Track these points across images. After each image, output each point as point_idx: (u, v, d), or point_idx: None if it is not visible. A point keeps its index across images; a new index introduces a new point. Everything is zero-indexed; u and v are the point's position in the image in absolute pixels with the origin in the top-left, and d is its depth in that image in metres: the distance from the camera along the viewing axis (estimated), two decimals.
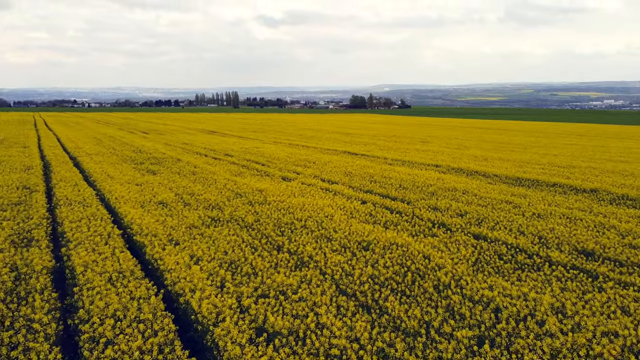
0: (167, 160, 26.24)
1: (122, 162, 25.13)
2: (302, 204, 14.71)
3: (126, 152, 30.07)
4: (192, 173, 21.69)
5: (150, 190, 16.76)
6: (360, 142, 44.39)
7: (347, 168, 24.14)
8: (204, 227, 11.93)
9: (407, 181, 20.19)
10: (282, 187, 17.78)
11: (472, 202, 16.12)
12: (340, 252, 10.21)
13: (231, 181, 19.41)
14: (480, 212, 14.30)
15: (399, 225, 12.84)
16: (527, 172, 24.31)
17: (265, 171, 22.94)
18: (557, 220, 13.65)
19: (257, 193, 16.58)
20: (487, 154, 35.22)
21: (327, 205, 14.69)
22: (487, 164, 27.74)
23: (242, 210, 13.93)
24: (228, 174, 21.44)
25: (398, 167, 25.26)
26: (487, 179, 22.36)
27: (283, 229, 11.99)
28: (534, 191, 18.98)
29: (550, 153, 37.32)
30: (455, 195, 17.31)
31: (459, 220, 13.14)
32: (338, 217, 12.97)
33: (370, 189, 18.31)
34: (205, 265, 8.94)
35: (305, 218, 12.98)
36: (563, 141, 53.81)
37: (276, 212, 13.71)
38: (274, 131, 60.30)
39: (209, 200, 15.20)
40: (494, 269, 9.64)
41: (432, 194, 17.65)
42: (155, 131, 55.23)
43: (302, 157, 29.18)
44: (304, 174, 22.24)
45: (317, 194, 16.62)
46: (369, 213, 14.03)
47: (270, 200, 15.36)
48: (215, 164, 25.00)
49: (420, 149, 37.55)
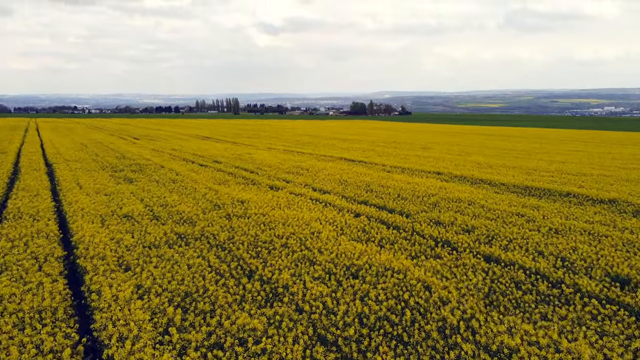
0: (149, 167, 24.49)
1: (100, 169, 23.38)
2: (286, 217, 12.92)
3: (109, 158, 28.34)
4: (172, 181, 19.93)
5: (119, 201, 14.99)
6: (358, 148, 42.65)
7: (342, 176, 22.38)
8: (166, 247, 10.13)
9: (407, 190, 18.42)
10: (267, 198, 16.00)
11: (480, 215, 14.32)
12: (323, 280, 8.41)
13: (212, 190, 17.63)
14: (490, 227, 12.50)
15: (396, 243, 11.05)
16: (536, 180, 22.53)
17: (253, 179, 21.17)
18: (579, 237, 11.85)
19: (238, 204, 14.79)
20: (491, 160, 33.48)
21: (314, 219, 12.89)
22: (492, 172, 25.97)
23: (216, 225, 12.14)
24: (211, 182, 19.67)
25: (397, 175, 23.49)
26: (494, 188, 20.57)
27: (259, 249, 10.20)
28: (547, 202, 17.19)
29: (556, 160, 35.57)
30: (459, 206, 15.51)
31: (465, 238, 11.34)
32: (326, 234, 11.18)
33: (365, 200, 16.52)
34: (152, 301, 7.13)
35: (287, 235, 11.19)
36: (567, 148, 52.05)
37: (255, 227, 11.93)
38: (270, 137, 58.60)
39: (182, 213, 13.42)
40: (511, 302, 7.83)
41: (434, 205, 15.86)
42: (147, 137, 53.53)
43: (295, 163, 27.43)
44: (294, 182, 20.47)
45: (305, 206, 14.83)
46: (362, 228, 12.24)
47: (251, 213, 13.58)
48: (200, 171, 23.25)
49: (420, 155, 35.80)
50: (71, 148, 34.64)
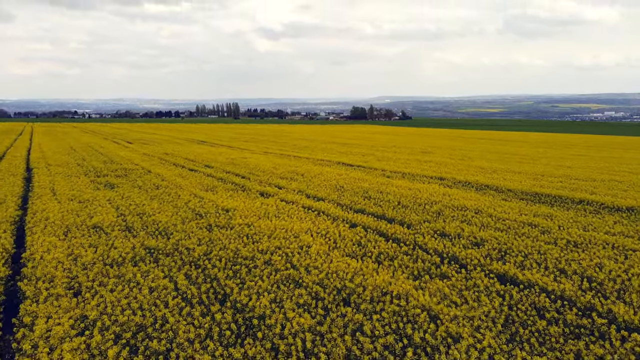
0: (135, 172, 23.17)
1: (82, 174, 22.06)
2: (273, 228, 11.57)
3: (95, 162, 27.02)
4: (155, 187, 18.59)
5: (92, 209, 13.64)
6: (357, 152, 41.34)
7: (339, 181, 21.05)
8: (130, 265, 8.78)
9: (408, 197, 17.07)
10: (255, 206, 14.65)
11: (488, 225, 12.97)
12: (308, 308, 7.05)
13: (197, 197, 16.30)
14: (501, 240, 11.15)
15: (395, 259, 9.69)
16: (545, 187, 21.19)
17: (243, 185, 19.83)
18: (602, 251, 10.51)
19: (222, 214, 13.45)
20: (495, 165, 32.16)
21: (305, 230, 11.55)
22: (497, 177, 24.64)
23: (194, 237, 10.79)
24: (198, 189, 18.33)
25: (397, 181, 22.15)
26: (501, 195, 19.23)
27: (238, 266, 8.85)
28: (560, 210, 15.83)
29: (562, 165, 34.25)
30: (466, 216, 14.16)
31: (474, 253, 9.99)
32: (316, 249, 9.83)
33: (362, 208, 15.17)
34: (93, 339, 5.78)
35: (272, 250, 9.84)
36: (571, 152, 50.76)
37: (237, 240, 10.58)
38: (267, 141, 57.33)
39: (158, 223, 12.08)
40: (536, 338, 6.47)
41: (438, 214, 14.51)
42: (140, 141, 52.26)
43: (291, 168, 26.12)
44: (287, 188, 19.13)
45: (296, 215, 13.48)
46: (358, 241, 10.88)
47: (235, 223, 12.23)
48: (189, 177, 21.91)
49: (421, 160, 34.48)
50: (58, 152, 33.35)
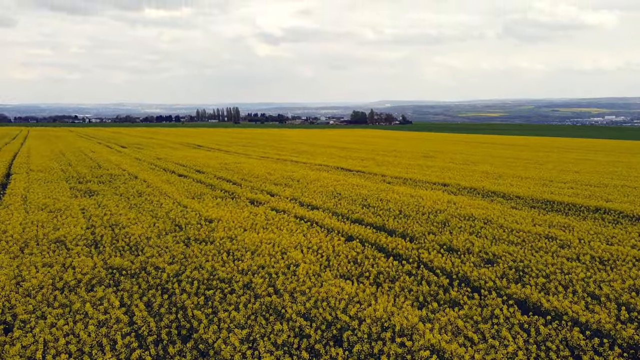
0: (120, 178, 21.87)
1: (64, 180, 20.76)
2: (259, 242, 10.25)
3: (80, 168, 25.73)
4: (138, 194, 17.28)
5: (60, 220, 12.31)
6: (357, 157, 40.04)
7: (336, 188, 19.73)
8: (84, 290, 7.45)
9: (410, 205, 15.75)
10: (242, 216, 13.32)
11: (500, 237, 11.63)
12: (289, 350, 5.71)
13: (180, 206, 14.98)
14: (516, 256, 9.81)
15: (397, 281, 8.36)
16: (556, 193, 19.86)
17: (233, 192, 18.51)
18: (633, 270, 9.15)
19: (205, 225, 12.12)
20: (500, 170, 30.85)
21: (294, 245, 10.21)
22: (504, 183, 23.32)
23: (167, 254, 9.46)
24: (183, 196, 17.01)
25: (398, 187, 20.83)
26: (510, 202, 17.89)
27: (212, 291, 7.51)
28: (576, 219, 14.48)
29: (569, 169, 32.91)
30: (474, 226, 12.82)
31: (488, 273, 8.65)
32: (305, 268, 8.50)
33: (360, 218, 13.83)
34: None
35: (254, 270, 8.51)
36: (577, 156, 49.40)
37: (216, 257, 9.25)
38: (266, 145, 56.07)
39: (130, 237, 10.75)
40: None
41: (444, 224, 13.18)
42: (135, 145, 51.02)
43: (286, 173, 24.82)
44: (280, 195, 17.81)
45: (286, 226, 12.15)
46: (354, 258, 9.55)
47: (217, 236, 10.90)
48: (176, 183, 20.60)
49: (423, 165, 33.16)
50: (45, 157, 32.09)
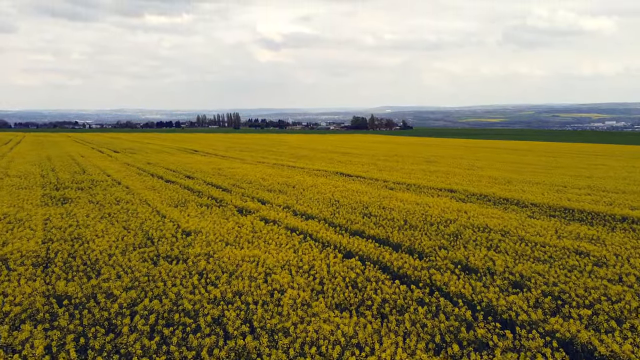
0: (102, 184, 20.28)
1: (39, 187, 19.18)
2: (240, 260, 8.63)
3: (63, 174, 24.15)
4: (116, 202, 15.67)
5: (14, 233, 10.70)
6: (357, 162, 38.46)
7: (335, 194, 18.12)
8: (6, 329, 5.82)
9: (416, 214, 14.12)
10: (227, 227, 11.70)
11: (524, 253, 9.99)
12: None
13: (159, 215, 13.37)
14: (548, 278, 8.18)
15: (406, 312, 6.73)
16: (573, 200, 18.24)
17: (222, 199, 16.90)
18: None
19: (181, 239, 10.50)
20: (507, 175, 29.25)
21: (282, 264, 8.58)
22: (515, 189, 21.71)
23: (127, 276, 7.84)
24: (165, 204, 15.39)
25: (401, 193, 19.22)
26: (525, 210, 16.26)
27: (170, 330, 5.89)
28: (604, 230, 12.83)
29: (580, 174, 31.32)
30: (491, 239, 11.19)
31: (518, 301, 7.01)
32: (292, 296, 6.87)
33: (360, 229, 12.20)
34: None
35: (229, 298, 6.88)
36: (586, 161, 47.79)
37: (186, 280, 7.63)
38: (264, 150, 54.52)
39: (90, 254, 9.14)
40: None
41: (455, 236, 11.55)
42: (129, 150, 49.46)
43: (282, 179, 23.24)
44: (272, 203, 16.18)
45: (275, 240, 10.51)
46: (352, 281, 7.91)
47: (193, 252, 9.28)
48: (161, 189, 18.99)
49: (426, 170, 31.57)
50: (29, 162, 30.54)
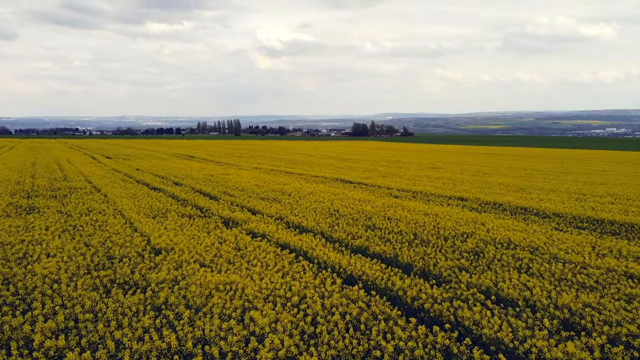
0: (79, 192, 18.50)
1: (8, 195, 17.39)
2: (213, 288, 6.81)
3: (41, 180, 22.39)
4: (86, 212, 13.86)
5: None
6: (358, 168, 36.68)
7: (334, 203, 16.30)
8: None
9: (427, 227, 12.31)
10: (205, 243, 9.87)
11: (563, 278, 8.17)
12: None
13: (130, 228, 11.56)
14: (609, 316, 6.35)
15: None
16: (598, 210, 16.42)
17: (208, 208, 15.09)
18: None
19: (148, 258, 8.68)
20: (517, 181, 27.47)
21: (266, 293, 6.76)
22: (530, 197, 19.90)
23: (62, 315, 6.01)
24: (142, 214, 13.58)
25: (408, 202, 17.41)
26: (548, 221, 14.44)
27: None
28: None
29: (593, 181, 29.53)
30: (519, 258, 9.35)
31: (578, 353, 5.18)
32: (272, 346, 5.05)
33: (363, 245, 10.38)
34: None
35: (188, 349, 5.05)
36: (594, 167, 45.96)
37: (136, 320, 5.81)
38: (262, 156, 52.77)
39: (29, 279, 7.33)
40: None
41: (476, 254, 9.73)
42: (122, 156, 47.72)
43: (277, 186, 21.46)
44: (263, 213, 14.36)
45: (261, 259, 8.69)
46: (355, 319, 6.08)
47: (156, 278, 7.46)
48: (143, 197, 17.18)
49: (432, 176, 29.78)
50: (9, 168, 28.79)
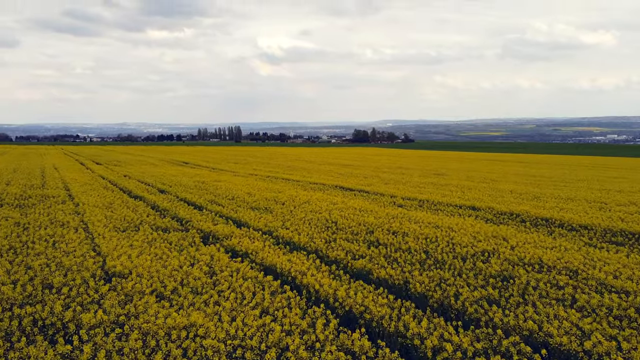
0: (50, 200, 16.73)
1: None
2: (159, 341, 5.01)
3: (15, 187, 20.61)
4: (47, 225, 12.03)
5: None
6: (359, 174, 34.90)
7: (332, 213, 14.47)
8: None
9: (440, 243, 10.49)
10: (172, 266, 8.06)
11: (624, 315, 6.35)
12: None
13: (89, 246, 9.74)
14: None
15: None
16: (629, 221, 14.59)
17: (188, 220, 13.27)
18: None
19: (94, 288, 6.87)
20: (528, 189, 25.70)
21: (230, 346, 4.95)
22: (548, 206, 18.10)
23: None
24: (110, 228, 11.75)
25: (414, 212, 15.59)
26: (577, 235, 12.61)
27: None
28: None
29: (609, 188, 27.75)
30: (558, 285, 7.54)
31: None
32: None
33: (365, 267, 8.55)
34: None
35: None
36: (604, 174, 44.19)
37: None
38: (259, 162, 51.03)
39: None
40: None
41: (504, 280, 7.91)
42: (114, 162, 46.02)
43: (271, 194, 19.68)
44: (251, 226, 12.56)
45: (236, 289, 6.86)
46: None
47: (92, 320, 5.66)
48: (117, 208, 15.36)
49: (437, 183, 28.01)
50: None
